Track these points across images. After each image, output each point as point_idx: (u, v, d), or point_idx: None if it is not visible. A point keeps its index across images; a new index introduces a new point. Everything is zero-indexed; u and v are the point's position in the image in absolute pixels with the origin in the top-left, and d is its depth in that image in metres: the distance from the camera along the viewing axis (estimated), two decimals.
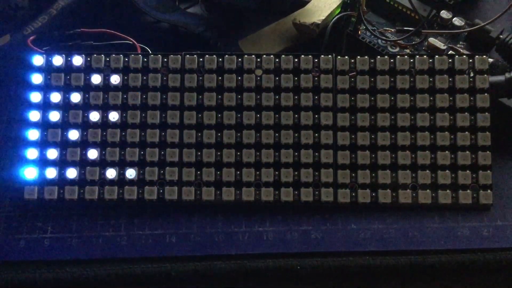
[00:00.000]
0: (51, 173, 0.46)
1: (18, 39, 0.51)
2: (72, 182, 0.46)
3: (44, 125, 0.47)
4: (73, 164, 0.46)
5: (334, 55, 0.48)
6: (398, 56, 0.47)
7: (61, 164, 0.46)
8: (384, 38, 0.52)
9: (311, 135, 0.46)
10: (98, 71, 0.48)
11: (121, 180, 0.46)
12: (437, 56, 0.47)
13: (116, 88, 0.47)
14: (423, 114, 0.46)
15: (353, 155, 0.46)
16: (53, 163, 0.46)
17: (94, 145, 0.47)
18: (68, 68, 0.48)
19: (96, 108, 0.47)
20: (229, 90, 0.47)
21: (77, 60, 0.48)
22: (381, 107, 0.47)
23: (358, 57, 0.47)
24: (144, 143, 0.47)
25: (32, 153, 0.46)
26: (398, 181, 0.46)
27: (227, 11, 0.58)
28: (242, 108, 0.47)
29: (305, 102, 0.47)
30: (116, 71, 0.48)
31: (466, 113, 0.46)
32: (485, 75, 0.46)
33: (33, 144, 0.47)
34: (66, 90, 0.47)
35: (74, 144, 0.47)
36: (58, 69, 0.48)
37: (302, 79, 0.47)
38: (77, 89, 0.47)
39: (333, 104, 0.47)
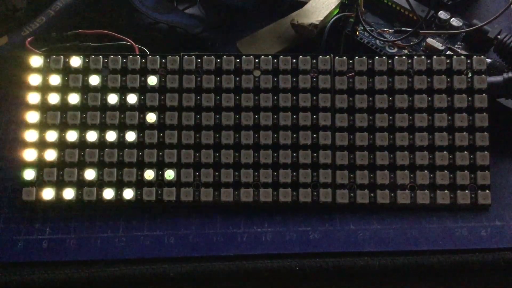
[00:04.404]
0: (49, 174, 0.46)
1: (16, 40, 0.51)
2: (70, 183, 0.46)
3: (42, 126, 0.47)
4: (71, 165, 0.46)
5: (332, 55, 0.48)
6: (396, 57, 0.47)
7: (59, 165, 0.46)
8: (382, 38, 0.52)
9: (310, 136, 0.46)
10: (96, 72, 0.48)
11: (119, 182, 0.46)
12: (435, 57, 0.47)
13: (114, 89, 0.47)
14: (421, 114, 0.46)
15: (351, 156, 0.46)
16: (51, 165, 0.46)
17: (92, 146, 0.47)
18: (66, 69, 0.48)
19: (94, 109, 0.47)
20: (227, 91, 0.47)
21: (75, 61, 0.48)
22: (379, 108, 0.47)
23: (356, 57, 0.47)
24: (143, 144, 0.47)
25: (30, 154, 0.46)
26: (396, 181, 0.46)
27: (225, 12, 0.58)
28: (240, 109, 0.47)
29: (303, 103, 0.47)
30: (114, 72, 0.48)
31: (464, 114, 0.46)
32: (483, 76, 0.47)
33: (31, 145, 0.47)
34: (64, 91, 0.47)
35: (72, 145, 0.47)
36: (56, 70, 0.48)
37: (300, 79, 0.47)
38: (75, 90, 0.47)
39: (331, 105, 0.47)
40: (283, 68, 0.47)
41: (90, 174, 0.46)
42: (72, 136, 0.47)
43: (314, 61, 0.47)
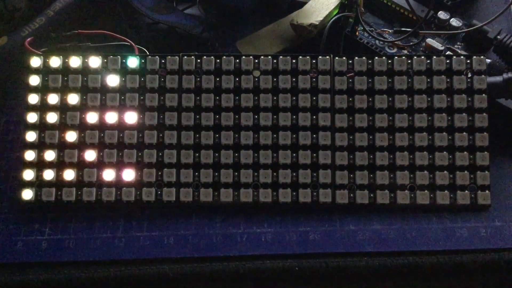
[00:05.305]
0: (48, 174, 0.46)
1: (15, 40, 0.51)
2: (69, 183, 0.46)
3: (41, 126, 0.47)
4: (70, 165, 0.46)
5: (332, 56, 0.48)
6: (396, 57, 0.47)
7: (59, 165, 0.46)
8: (381, 39, 0.52)
9: (309, 136, 0.46)
10: (95, 72, 0.48)
11: (119, 182, 0.46)
12: (434, 57, 0.47)
13: (113, 89, 0.47)
14: (421, 115, 0.46)
15: (351, 156, 0.46)
16: (50, 165, 0.46)
17: (91, 146, 0.47)
18: (65, 69, 0.48)
19: (93, 109, 0.47)
20: (227, 91, 0.47)
21: (75, 62, 0.48)
22: (379, 108, 0.47)
23: (356, 58, 0.47)
24: (142, 145, 0.47)
25: (29, 155, 0.46)
26: (396, 182, 0.46)
27: (225, 12, 0.58)
28: (240, 109, 0.47)
29: (303, 103, 0.47)
30: (113, 72, 0.48)
31: (464, 114, 0.46)
32: (483, 76, 0.47)
33: (31, 145, 0.47)
34: (64, 91, 0.47)
35: (72, 145, 0.47)
36: (56, 71, 0.48)
37: (300, 80, 0.47)
38: (74, 90, 0.47)
39: (331, 105, 0.47)
40: (282, 69, 0.47)
41: (89, 174, 0.46)
42: (71, 136, 0.47)
43: (314, 61, 0.47)
